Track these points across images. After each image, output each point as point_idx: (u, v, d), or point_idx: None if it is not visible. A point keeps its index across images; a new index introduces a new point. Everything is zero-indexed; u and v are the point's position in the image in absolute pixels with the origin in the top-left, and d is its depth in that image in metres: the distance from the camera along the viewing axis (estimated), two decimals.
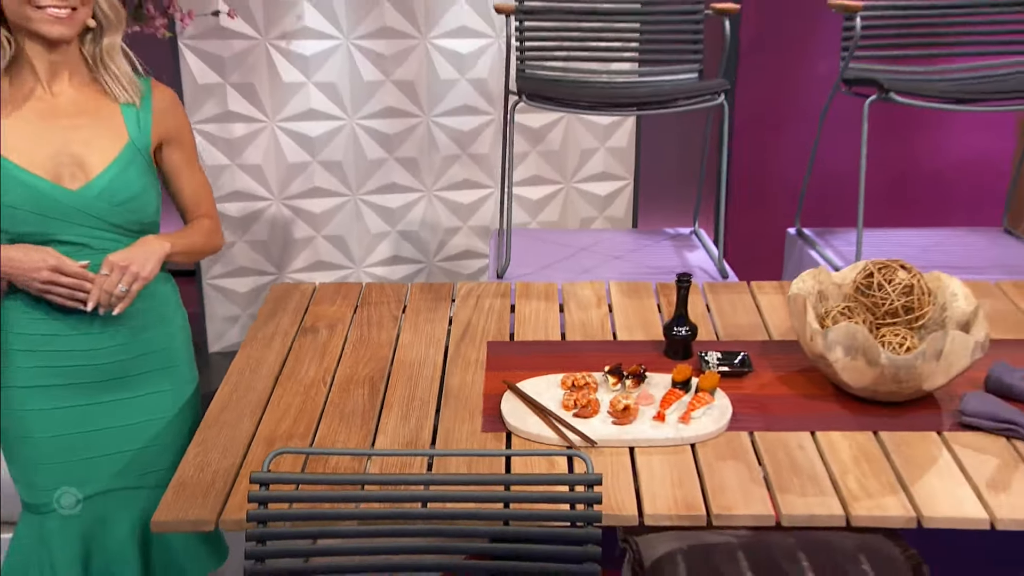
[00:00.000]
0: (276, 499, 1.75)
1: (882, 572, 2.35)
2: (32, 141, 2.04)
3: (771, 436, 2.08)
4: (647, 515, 1.87)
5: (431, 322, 2.59)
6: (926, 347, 2.07)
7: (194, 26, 4.08)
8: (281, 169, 4.34)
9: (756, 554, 2.39)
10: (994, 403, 2.10)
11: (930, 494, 1.90)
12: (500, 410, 2.12)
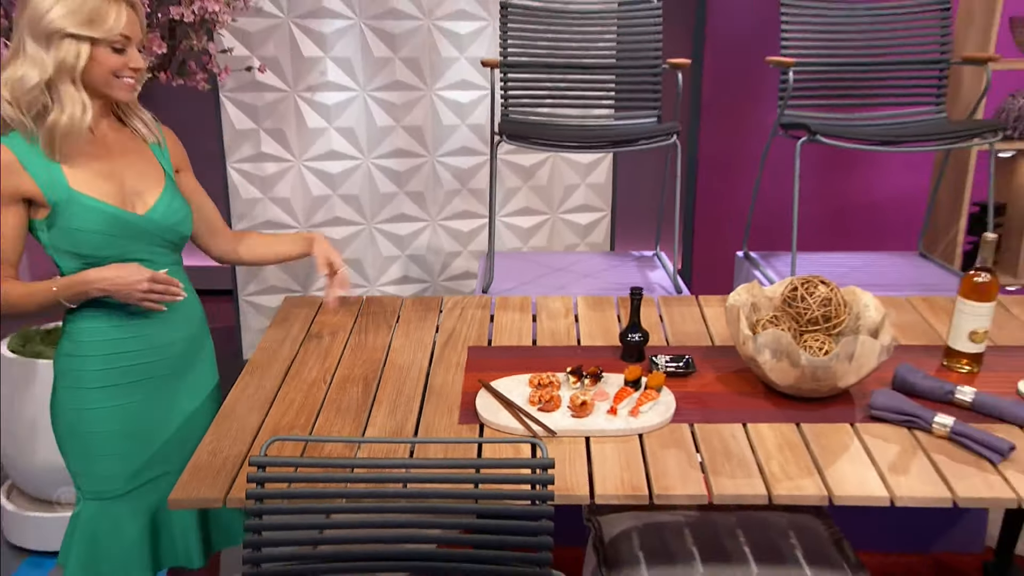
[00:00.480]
0: (273, 479, 1.76)
1: (808, 546, 2.36)
2: (98, 178, 2.05)
3: (708, 427, 2.09)
4: (598, 495, 1.85)
5: (420, 330, 2.59)
6: (840, 350, 2.08)
7: (233, 80, 4.11)
8: (306, 201, 4.36)
9: (700, 531, 2.40)
10: (899, 399, 2.11)
11: (841, 476, 1.90)
12: (475, 405, 2.13)
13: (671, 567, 2.26)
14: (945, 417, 2.04)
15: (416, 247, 4.59)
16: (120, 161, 2.11)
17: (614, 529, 2.45)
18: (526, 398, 2.14)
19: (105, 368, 2.13)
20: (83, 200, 2.01)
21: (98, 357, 2.13)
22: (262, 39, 4.13)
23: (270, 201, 4.31)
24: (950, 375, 2.30)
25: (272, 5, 4.11)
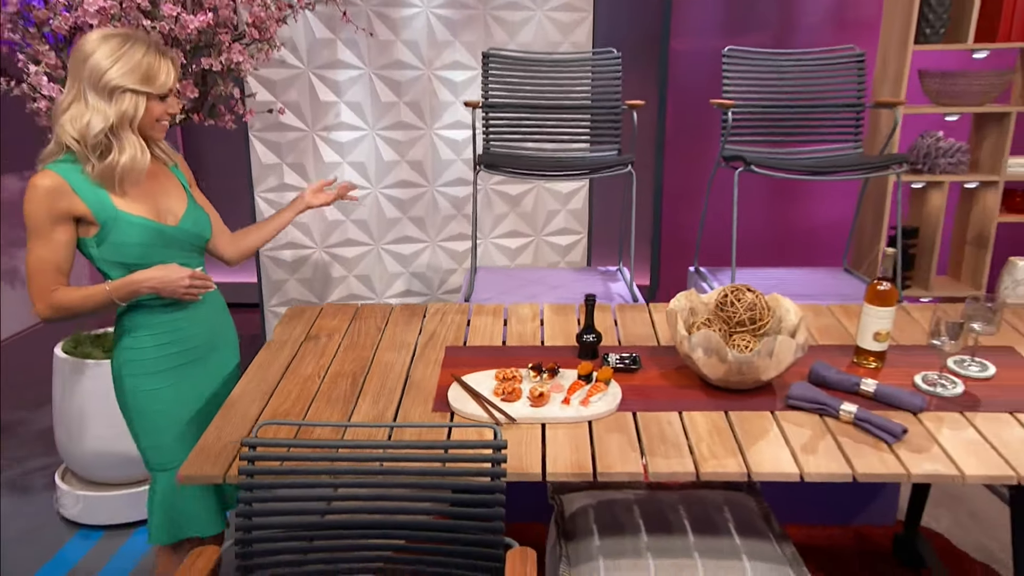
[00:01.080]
0: (263, 459, 1.77)
1: (740, 519, 2.37)
2: (136, 199, 2.10)
3: (649, 415, 2.09)
4: (549, 473, 1.84)
5: (405, 333, 2.59)
6: (761, 348, 2.09)
7: (260, 121, 4.14)
8: (323, 226, 4.37)
9: (647, 507, 2.40)
10: (812, 390, 2.12)
11: (760, 456, 1.90)
12: (447, 396, 2.14)
13: (620, 538, 2.26)
14: (850, 405, 2.05)
15: (418, 265, 4.59)
16: (151, 183, 2.15)
17: (573, 506, 2.46)
18: (492, 390, 2.16)
19: (157, 355, 2.19)
20: (128, 218, 2.06)
21: (151, 347, 2.18)
22: (285, 87, 4.16)
23: (292, 225, 4.32)
24: (858, 370, 2.31)
25: (293, 58, 4.13)
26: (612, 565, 2.15)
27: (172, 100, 2.08)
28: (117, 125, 1.97)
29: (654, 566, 2.15)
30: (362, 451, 1.84)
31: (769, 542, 2.28)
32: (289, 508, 1.83)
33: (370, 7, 4.15)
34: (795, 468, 1.87)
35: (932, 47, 3.48)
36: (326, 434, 1.98)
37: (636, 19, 4.79)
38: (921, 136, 3.68)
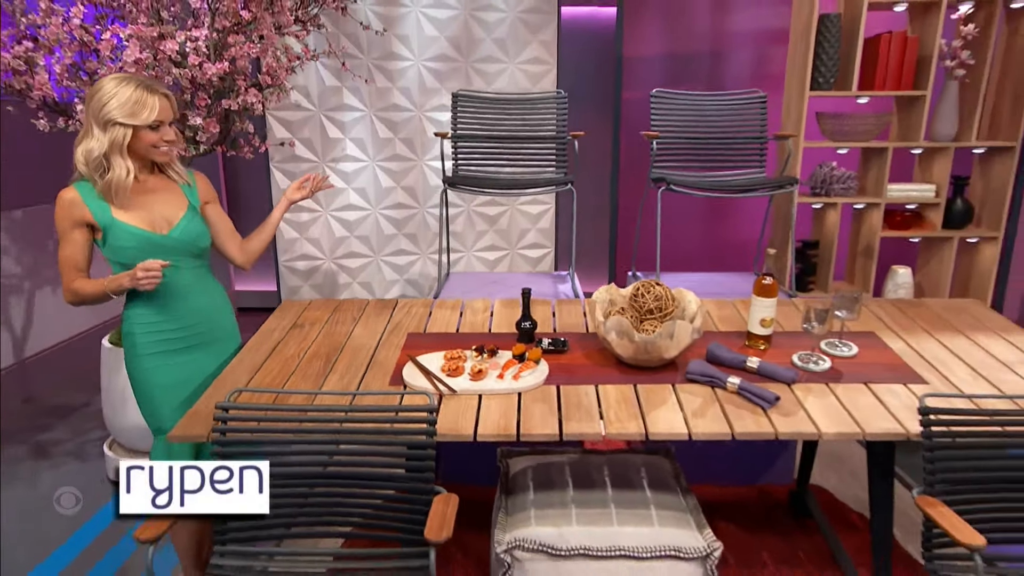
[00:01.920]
0: (234, 419, 1.75)
1: (653, 477, 2.35)
2: (133, 209, 2.08)
3: (569, 388, 2.09)
4: (480, 434, 1.85)
5: (376, 322, 2.57)
6: (662, 330, 2.08)
7: (280, 154, 4.14)
8: (331, 241, 4.36)
9: (577, 468, 2.39)
10: (707, 367, 2.12)
11: (657, 420, 1.91)
12: (402, 373, 2.13)
13: (550, 492, 2.25)
14: (736, 378, 2.05)
15: (411, 273, 4.58)
16: (151, 197, 2.13)
17: (517, 467, 2.44)
18: (440, 367, 2.15)
19: (149, 341, 2.15)
20: (122, 226, 2.05)
21: (144, 334, 2.15)
22: (300, 126, 4.16)
23: (305, 240, 4.31)
24: (748, 351, 2.30)
25: (307, 102, 4.14)
26: (541, 514, 2.13)
27: (165, 129, 2.05)
28: (109, 151, 1.99)
29: (575, 514, 2.13)
30: (323, 414, 1.83)
31: (676, 495, 2.27)
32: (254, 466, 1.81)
33: (371, 60, 4.16)
34: (684, 429, 1.87)
35: (824, 94, 3.48)
36: (297, 401, 1.96)
37: (595, 71, 4.80)
38: (819, 166, 3.67)
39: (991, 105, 3.64)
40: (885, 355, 2.27)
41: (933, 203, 3.62)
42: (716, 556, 2.06)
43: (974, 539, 1.56)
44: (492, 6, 4.25)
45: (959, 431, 1.80)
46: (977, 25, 3.43)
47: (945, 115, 3.50)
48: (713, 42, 4.63)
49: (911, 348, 2.32)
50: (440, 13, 4.20)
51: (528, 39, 4.31)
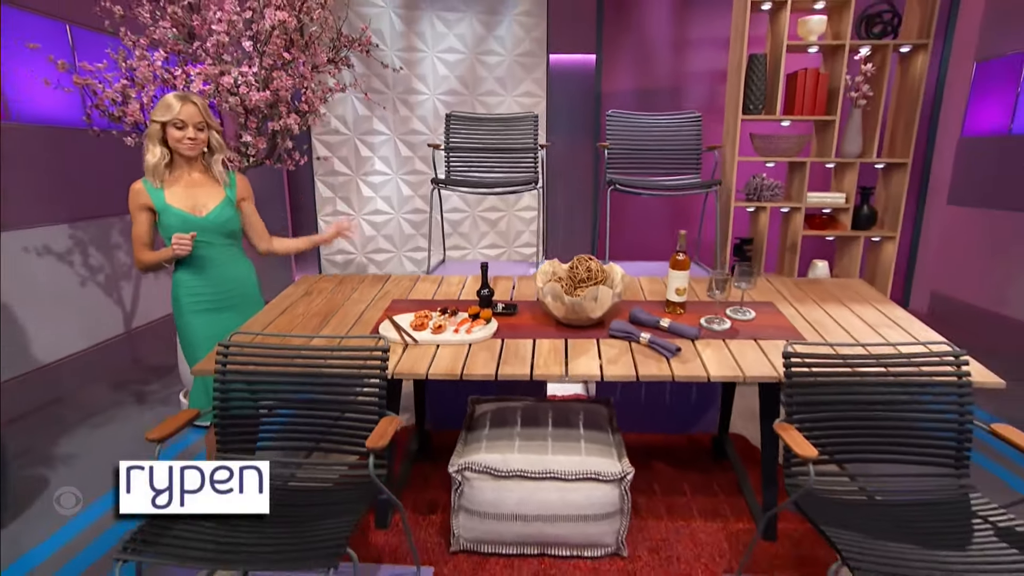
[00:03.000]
0: (233, 355, 1.75)
1: (588, 420, 2.32)
2: (180, 197, 2.12)
3: (512, 341, 2.06)
4: (431, 374, 1.83)
5: (369, 291, 2.55)
6: (587, 294, 2.04)
7: (322, 168, 4.18)
8: (363, 238, 4.39)
9: (527, 412, 2.36)
10: (627, 325, 2.07)
11: (577, 366, 1.87)
12: (379, 328, 2.11)
13: (501, 429, 2.24)
14: (647, 334, 2.00)
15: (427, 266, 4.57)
16: (197, 189, 2.16)
17: (480, 411, 2.42)
18: (409, 323, 2.12)
19: (189, 301, 2.17)
20: (170, 208, 2.08)
21: (185, 295, 2.17)
22: (339, 146, 4.20)
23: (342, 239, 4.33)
24: (665, 314, 2.24)
25: (344, 128, 4.18)
26: (490, 445, 2.12)
27: (190, 130, 2.07)
28: (147, 140, 2.08)
29: (518, 445, 2.11)
30: (300, 352, 1.82)
31: (605, 433, 2.23)
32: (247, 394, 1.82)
33: (395, 95, 4.18)
34: (598, 372, 1.83)
35: (755, 118, 3.41)
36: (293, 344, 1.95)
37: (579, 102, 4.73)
38: (753, 177, 3.59)
39: (889, 128, 3.54)
40: (777, 319, 2.20)
41: (844, 208, 3.52)
42: (629, 479, 2.01)
43: (807, 451, 1.50)
44: (493, 51, 4.25)
45: (817, 371, 1.73)
46: (874, 64, 3.35)
47: (851, 136, 3.41)
48: (673, 79, 4.57)
49: (800, 314, 2.25)
50: (451, 56, 4.21)
51: (523, 77, 4.30)
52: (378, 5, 4.08)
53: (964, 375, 1.65)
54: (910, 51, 3.39)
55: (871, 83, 3.40)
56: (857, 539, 1.43)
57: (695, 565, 2.03)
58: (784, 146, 3.47)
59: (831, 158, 3.44)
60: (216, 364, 1.74)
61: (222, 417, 1.78)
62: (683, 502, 2.37)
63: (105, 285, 3.82)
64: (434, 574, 1.99)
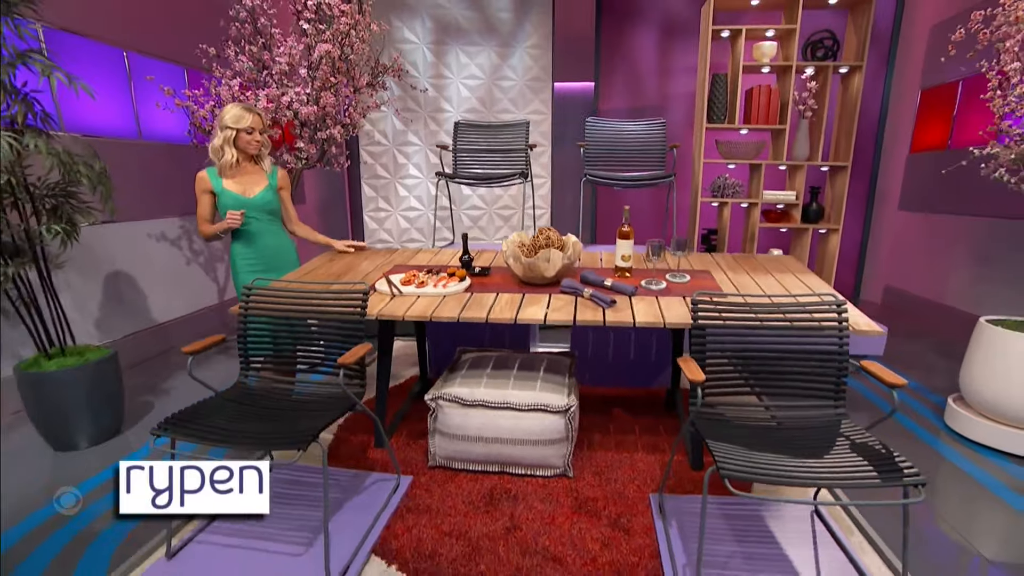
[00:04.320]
0: (255, 298, 1.82)
1: (549, 367, 2.31)
2: (234, 182, 2.22)
3: (478, 295, 2.07)
4: (406, 316, 1.86)
5: (381, 259, 2.58)
6: (541, 255, 2.04)
7: (367, 172, 4.26)
8: (399, 231, 4.42)
9: (500, 358, 2.38)
10: (575, 283, 2.07)
11: (526, 312, 1.88)
12: (375, 283, 2.15)
13: (474, 370, 2.25)
14: (589, 289, 2.00)
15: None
16: (248, 176, 2.26)
17: (464, 357, 2.43)
18: (400, 280, 2.16)
19: (240, 264, 2.28)
20: (226, 191, 2.19)
21: (238, 260, 2.29)
22: (380, 155, 4.28)
23: (382, 230, 4.41)
24: (615, 277, 2.20)
25: (385, 140, 4.25)
26: (463, 381, 2.14)
27: (256, 134, 2.19)
28: (223, 144, 2.16)
29: (484, 382, 2.12)
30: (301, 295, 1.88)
31: (561, 377, 2.22)
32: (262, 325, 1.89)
33: (426, 113, 4.24)
34: (541, 317, 1.83)
35: (717, 126, 3.33)
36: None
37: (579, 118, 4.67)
38: (718, 177, 3.50)
39: (834, 137, 3.40)
40: (707, 282, 2.14)
41: (795, 204, 3.39)
42: (573, 411, 2.00)
43: (696, 375, 1.47)
44: (507, 77, 4.26)
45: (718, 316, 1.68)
46: (817, 83, 3.23)
47: (800, 143, 3.30)
48: (659, 98, 4.50)
49: (729, 280, 2.19)
50: (472, 81, 4.24)
51: (532, 98, 4.30)
52: (413, 41, 4.16)
53: (844, 320, 1.58)
54: (848, 71, 3.26)
55: (816, 98, 3.28)
56: (732, 449, 1.39)
57: (629, 485, 2.01)
58: (743, 151, 3.38)
59: (783, 161, 3.32)
60: (240, 304, 1.82)
61: (242, 343, 1.86)
62: (631, 440, 2.34)
63: (204, 265, 4.05)
64: (412, 482, 2.02)
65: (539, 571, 1.58)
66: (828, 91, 3.23)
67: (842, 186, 3.33)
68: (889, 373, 1.44)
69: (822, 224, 3.41)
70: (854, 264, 4.29)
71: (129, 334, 3.47)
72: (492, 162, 3.26)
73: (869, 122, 4.03)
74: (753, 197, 3.48)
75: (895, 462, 1.30)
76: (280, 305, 1.86)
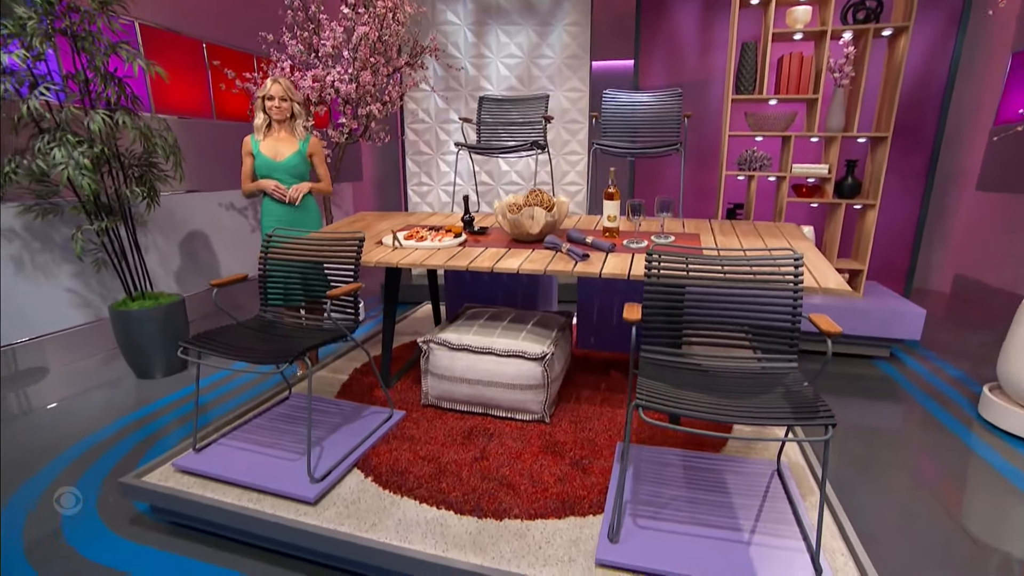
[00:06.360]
0: (274, 245, 2.05)
1: (542, 320, 2.39)
2: (269, 147, 2.47)
3: (470, 249, 2.17)
4: (400, 263, 2.00)
5: (398, 220, 2.73)
6: (525, 211, 2.13)
7: (411, 148, 4.49)
8: (439, 204, 4.61)
9: (495, 314, 2.51)
10: (555, 239, 2.14)
11: (504, 263, 1.97)
12: (382, 238, 2.33)
13: (471, 320, 2.38)
14: (566, 245, 2.07)
15: None
16: (280, 143, 2.50)
17: (467, 312, 2.57)
18: (404, 236, 2.32)
19: (268, 220, 2.53)
20: (260, 154, 2.45)
21: (266, 216, 2.53)
22: (423, 132, 4.48)
23: (424, 204, 4.63)
24: (601, 237, 2.26)
25: (427, 117, 4.45)
26: (454, 329, 2.29)
27: (277, 101, 2.42)
28: (254, 109, 2.45)
29: (473, 330, 2.26)
30: (309, 242, 2.10)
31: (549, 331, 2.31)
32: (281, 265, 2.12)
33: (467, 92, 4.39)
34: (516, 267, 1.93)
35: (745, 97, 3.22)
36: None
37: None
38: (746, 150, 3.39)
39: (878, 106, 3.17)
40: (691, 242, 2.15)
41: (827, 178, 3.23)
42: (548, 358, 2.10)
43: (633, 315, 1.52)
44: (545, 55, 4.33)
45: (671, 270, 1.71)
46: (857, 48, 3.03)
47: (835, 113, 3.12)
48: (701, 73, 4.37)
49: (715, 243, 2.18)
50: (511, 60, 4.35)
51: (569, 76, 4.34)
52: (455, 23, 4.32)
53: (799, 273, 1.57)
54: (893, 34, 3.03)
55: (854, 64, 3.08)
56: (659, 387, 1.45)
57: (602, 434, 2.08)
58: (773, 122, 3.26)
59: (815, 132, 3.17)
60: (260, 251, 2.08)
61: (262, 282, 2.12)
62: (618, 398, 2.39)
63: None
64: (405, 417, 2.21)
65: (492, 494, 1.72)
66: (867, 57, 3.03)
67: (882, 159, 3.13)
68: (828, 322, 1.42)
69: (858, 199, 3.23)
70: (908, 247, 3.99)
71: (202, 290, 3.93)
72: (511, 134, 3.35)
73: (932, 90, 3.69)
74: (782, 171, 3.35)
75: (816, 406, 1.31)
76: (292, 251, 2.09)
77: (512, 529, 1.58)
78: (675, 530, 1.52)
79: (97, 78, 2.51)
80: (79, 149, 2.41)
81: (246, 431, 2.04)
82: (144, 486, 1.74)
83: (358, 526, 1.58)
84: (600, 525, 1.58)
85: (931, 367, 2.96)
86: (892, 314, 2.91)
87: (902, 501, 1.85)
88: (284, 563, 1.61)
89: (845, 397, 2.61)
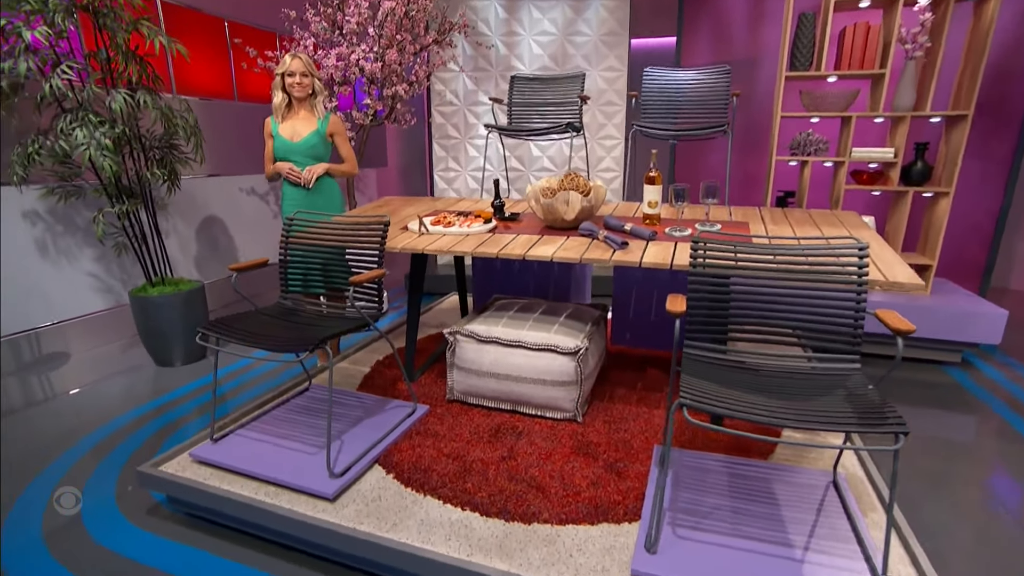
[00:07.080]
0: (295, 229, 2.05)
1: (576, 313, 2.36)
2: (286, 127, 2.47)
3: (500, 236, 2.14)
4: (426, 249, 1.98)
5: (425, 206, 2.72)
6: (559, 196, 2.09)
7: (438, 132, 4.48)
8: (467, 189, 4.59)
9: (526, 305, 2.50)
10: (592, 226, 2.11)
11: (536, 252, 1.93)
12: (408, 224, 2.31)
13: (499, 312, 2.35)
14: (603, 232, 2.03)
15: None
16: (298, 122, 2.49)
17: (496, 303, 2.55)
18: (431, 221, 2.30)
19: (286, 203, 2.52)
20: (278, 135, 2.46)
21: (285, 198, 2.53)
22: (452, 115, 4.47)
23: (451, 190, 4.62)
24: (641, 224, 2.19)
25: (456, 100, 4.43)
26: (483, 320, 2.27)
27: (297, 77, 2.40)
28: (274, 87, 2.41)
29: (503, 322, 2.23)
30: (332, 226, 2.09)
31: (583, 324, 2.27)
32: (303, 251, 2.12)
33: (497, 72, 4.35)
34: (550, 254, 1.89)
35: (800, 74, 3.08)
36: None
37: None
38: (799, 133, 3.26)
39: (956, 80, 2.99)
40: (740, 230, 2.06)
41: (892, 163, 3.07)
42: (582, 353, 2.05)
43: (677, 307, 1.46)
44: (580, 32, 4.24)
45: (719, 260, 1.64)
46: (935, 14, 2.84)
47: (904, 90, 2.95)
48: (750, 51, 4.22)
49: (765, 232, 2.09)
50: (544, 38, 4.28)
51: (606, 54, 4.25)
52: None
53: (864, 265, 1.47)
54: None
55: (929, 34, 2.90)
56: (706, 386, 1.38)
57: (638, 436, 2.03)
58: (831, 101, 3.11)
59: (880, 112, 3.01)
60: (281, 236, 2.08)
61: (282, 268, 2.13)
62: (655, 397, 2.33)
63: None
64: (428, 412, 2.20)
65: (520, 496, 1.68)
66: (947, 25, 2.84)
67: (959, 141, 2.95)
68: (899, 319, 1.33)
69: (928, 187, 3.06)
70: (986, 241, 3.77)
71: (221, 278, 4.01)
72: (544, 116, 3.29)
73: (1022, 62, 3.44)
74: (841, 155, 3.20)
75: (883, 412, 1.23)
76: (314, 235, 2.09)
77: (541, 534, 1.54)
78: (718, 542, 1.46)
79: (119, 56, 2.56)
80: (100, 129, 2.46)
81: (264, 422, 2.06)
82: (161, 476, 1.77)
83: (378, 525, 1.57)
84: (636, 534, 1.53)
85: (1012, 375, 2.79)
86: (967, 315, 2.76)
87: (976, 523, 1.74)
88: (301, 560, 1.61)
89: (910, 405, 2.48)
